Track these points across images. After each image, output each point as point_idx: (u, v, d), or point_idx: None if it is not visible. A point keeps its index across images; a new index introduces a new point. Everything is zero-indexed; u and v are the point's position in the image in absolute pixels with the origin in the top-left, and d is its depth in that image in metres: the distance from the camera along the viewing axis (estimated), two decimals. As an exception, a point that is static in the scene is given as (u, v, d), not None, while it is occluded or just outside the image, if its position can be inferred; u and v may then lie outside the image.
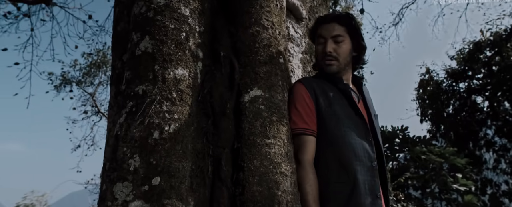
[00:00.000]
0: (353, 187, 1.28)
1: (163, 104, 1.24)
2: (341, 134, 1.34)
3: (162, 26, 1.35)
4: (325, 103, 1.38)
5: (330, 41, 1.43)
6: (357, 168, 1.31)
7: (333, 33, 1.43)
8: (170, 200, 1.13)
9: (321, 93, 1.40)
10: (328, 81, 1.46)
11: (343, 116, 1.38)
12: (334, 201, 1.28)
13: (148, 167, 1.16)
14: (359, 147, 1.34)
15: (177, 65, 1.31)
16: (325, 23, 1.46)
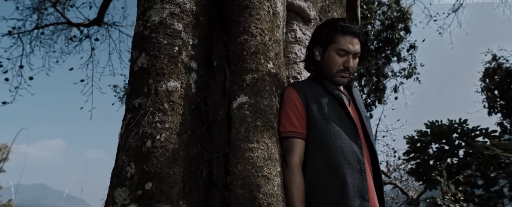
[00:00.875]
0: (343, 190, 1.27)
1: (155, 115, 1.34)
2: (331, 137, 1.34)
3: (156, 43, 1.47)
4: (316, 107, 1.39)
5: (350, 57, 1.44)
6: (346, 171, 1.30)
7: (357, 50, 1.44)
8: (161, 203, 1.23)
9: (312, 97, 1.41)
10: (320, 85, 1.47)
11: (333, 119, 1.38)
12: (323, 203, 1.28)
13: (142, 173, 1.27)
14: (348, 150, 1.33)
15: (169, 78, 1.41)
16: (351, 35, 1.44)
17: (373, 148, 1.43)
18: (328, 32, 1.46)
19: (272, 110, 1.39)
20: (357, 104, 1.50)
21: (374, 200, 1.35)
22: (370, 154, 1.42)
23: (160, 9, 1.53)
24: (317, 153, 1.34)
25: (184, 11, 1.56)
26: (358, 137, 1.38)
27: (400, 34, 7.60)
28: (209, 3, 1.70)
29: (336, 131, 1.35)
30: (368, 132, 1.45)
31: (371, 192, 1.35)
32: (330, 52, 1.45)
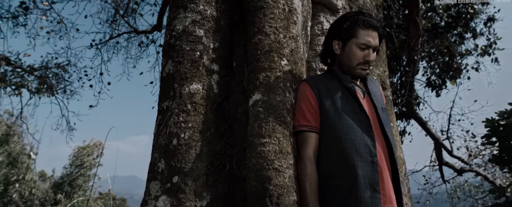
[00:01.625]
0: (354, 182, 1.29)
1: (180, 116, 1.49)
2: (343, 131, 1.36)
3: (180, 50, 1.61)
4: (329, 101, 1.41)
5: (370, 50, 1.45)
6: (358, 163, 1.31)
7: (377, 43, 1.45)
8: (185, 195, 1.37)
9: (325, 91, 1.43)
10: (336, 78, 1.48)
11: (346, 113, 1.38)
12: (336, 194, 1.31)
13: (170, 168, 1.43)
14: (360, 143, 1.34)
15: (191, 81, 1.55)
16: (372, 29, 1.44)
17: (388, 139, 1.41)
18: (349, 26, 1.45)
19: (285, 105, 1.45)
20: (372, 96, 1.48)
21: (389, 192, 1.34)
22: (387, 146, 1.40)
23: (183, 18, 1.68)
24: (330, 145, 1.36)
25: (205, 18, 1.68)
26: (370, 130, 1.37)
27: (475, 7, 6.85)
28: (231, 7, 1.80)
29: (349, 124, 1.36)
30: (383, 123, 1.42)
31: (386, 184, 1.34)
32: (350, 46, 1.45)
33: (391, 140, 1.42)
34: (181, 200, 1.37)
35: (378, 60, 2.20)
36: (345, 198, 1.29)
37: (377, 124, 1.42)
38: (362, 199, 1.27)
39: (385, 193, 1.33)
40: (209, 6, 1.71)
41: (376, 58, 1.92)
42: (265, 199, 1.26)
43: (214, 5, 1.73)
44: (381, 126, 1.42)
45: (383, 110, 1.48)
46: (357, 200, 1.27)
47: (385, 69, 2.24)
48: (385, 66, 2.25)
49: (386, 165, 1.38)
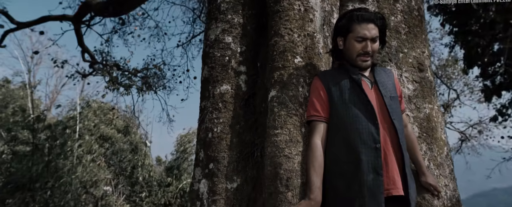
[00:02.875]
0: (357, 166, 1.41)
1: (213, 113, 1.79)
2: (349, 120, 1.48)
3: (212, 56, 1.90)
4: (338, 93, 1.54)
5: (370, 41, 1.55)
6: (362, 150, 1.42)
7: (374, 35, 1.54)
8: (218, 178, 1.68)
9: (335, 84, 1.56)
10: (345, 71, 1.59)
11: (353, 103, 1.50)
12: (342, 177, 1.45)
13: (207, 157, 1.75)
14: (365, 131, 1.44)
15: (222, 83, 1.83)
16: (365, 22, 1.55)
17: (395, 125, 1.48)
18: (345, 23, 1.57)
19: (297, 99, 1.63)
20: (380, 86, 1.55)
21: (392, 175, 1.43)
22: (396, 132, 1.48)
23: (214, 28, 1.96)
24: (338, 134, 1.51)
25: (233, 26, 1.93)
26: (375, 118, 1.46)
27: None
28: (257, 11, 2.01)
29: (355, 114, 1.48)
30: (390, 112, 1.49)
31: (390, 167, 1.43)
32: (349, 40, 1.56)
33: (397, 127, 1.49)
34: (215, 183, 1.68)
35: (414, 42, 2.17)
36: (350, 181, 1.43)
37: (385, 112, 1.50)
38: (365, 181, 1.40)
39: (389, 176, 1.43)
40: (237, 15, 1.96)
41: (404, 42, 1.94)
42: (276, 182, 1.49)
43: (241, 13, 1.96)
44: (389, 114, 1.50)
45: (392, 99, 1.54)
46: (361, 183, 1.40)
47: (424, 50, 2.19)
48: (423, 47, 2.20)
49: (393, 151, 1.47)
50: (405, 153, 1.49)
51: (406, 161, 1.48)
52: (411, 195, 1.44)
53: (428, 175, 1.70)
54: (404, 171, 1.46)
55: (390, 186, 1.42)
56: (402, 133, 1.51)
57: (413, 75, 2.09)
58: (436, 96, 2.18)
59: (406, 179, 1.45)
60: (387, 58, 2.06)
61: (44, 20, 7.16)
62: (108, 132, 14.39)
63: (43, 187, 10.82)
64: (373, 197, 1.37)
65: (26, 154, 11.47)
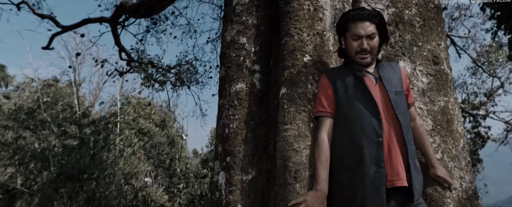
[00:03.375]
0: (360, 159, 1.48)
1: (229, 110, 1.92)
2: (353, 115, 1.55)
3: (229, 57, 2.03)
4: (343, 90, 1.60)
5: (365, 38, 1.60)
6: (365, 143, 1.49)
7: (369, 32, 1.60)
8: (234, 171, 1.81)
9: (340, 81, 1.62)
10: (350, 69, 1.65)
11: (357, 99, 1.56)
12: (347, 170, 1.53)
13: (224, 151, 1.89)
14: (368, 126, 1.50)
15: (237, 81, 1.95)
16: (360, 21, 1.60)
17: (398, 119, 1.53)
18: (342, 23, 1.64)
19: (306, 96, 1.71)
20: (384, 82, 1.60)
21: (396, 167, 1.48)
22: (400, 126, 1.53)
23: (230, 30, 2.08)
24: (343, 129, 1.58)
25: (247, 27, 2.05)
26: (378, 113, 1.52)
27: None
28: (271, 12, 2.11)
29: (358, 109, 1.55)
30: (393, 106, 1.54)
31: (393, 160, 1.48)
32: (347, 39, 1.63)
33: (401, 121, 1.54)
34: (232, 175, 1.82)
35: (430, 34, 2.17)
36: (354, 174, 1.51)
37: (390, 107, 1.56)
38: (367, 174, 1.47)
39: (393, 168, 1.49)
40: (251, 16, 2.06)
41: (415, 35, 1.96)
42: (285, 174, 1.60)
43: (254, 14, 2.07)
44: (393, 109, 1.55)
45: (397, 93, 1.59)
46: (363, 175, 1.48)
47: (439, 42, 2.18)
48: (439, 40, 2.19)
49: (397, 144, 1.52)
50: (409, 146, 1.54)
51: (410, 153, 1.53)
52: (415, 186, 1.49)
53: (437, 167, 1.73)
54: (408, 163, 1.51)
55: (394, 178, 1.48)
56: (406, 127, 1.56)
57: (427, 68, 2.10)
58: (453, 89, 2.17)
59: (409, 170, 1.50)
60: (400, 53, 2.09)
61: (84, 23, 7.63)
62: (146, 126, 15.04)
63: (90, 177, 11.56)
64: (374, 189, 1.44)
65: (74, 147, 12.29)
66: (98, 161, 12.32)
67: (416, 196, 1.49)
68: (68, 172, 11.13)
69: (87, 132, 12.90)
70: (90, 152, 12.18)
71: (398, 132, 1.54)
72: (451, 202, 1.80)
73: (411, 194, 1.49)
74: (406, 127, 1.56)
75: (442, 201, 1.79)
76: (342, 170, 1.55)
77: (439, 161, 1.91)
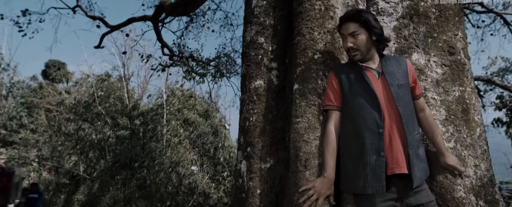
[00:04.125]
0: (363, 149, 1.61)
1: (249, 105, 2.12)
2: (356, 109, 1.67)
3: (248, 56, 2.21)
4: (347, 85, 1.73)
5: (348, 37, 1.73)
6: (367, 134, 1.61)
7: (349, 31, 1.72)
8: (254, 160, 2.01)
9: (345, 77, 1.75)
10: (354, 64, 1.77)
11: (359, 94, 1.68)
12: (351, 159, 1.66)
13: (245, 142, 2.09)
14: (369, 118, 1.62)
15: (256, 78, 2.13)
16: (343, 23, 1.75)
17: (399, 111, 1.62)
18: (338, 25, 1.79)
19: (316, 91, 1.85)
20: (386, 75, 1.69)
21: (396, 156, 1.59)
22: (402, 114, 1.63)
23: (250, 30, 2.25)
24: (347, 121, 1.71)
25: (265, 27, 2.21)
26: (378, 106, 1.63)
27: None
28: (287, 12, 2.25)
29: (361, 103, 1.67)
30: (394, 99, 1.64)
31: (394, 149, 1.59)
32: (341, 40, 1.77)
33: (401, 113, 1.63)
34: (252, 163, 2.02)
35: (446, 25, 2.19)
36: (357, 162, 1.64)
37: (391, 99, 1.66)
38: (368, 162, 1.60)
39: (393, 157, 1.60)
40: (268, 17, 2.22)
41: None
42: (297, 162, 1.77)
43: (272, 15, 2.22)
44: (394, 101, 1.65)
45: (400, 87, 1.68)
46: (365, 163, 1.61)
47: (456, 32, 2.20)
48: (456, 30, 2.20)
49: (398, 134, 1.63)
50: (408, 137, 1.63)
51: (409, 143, 1.62)
52: (414, 173, 1.59)
53: (447, 155, 1.80)
54: (408, 152, 1.61)
55: (394, 165, 1.60)
56: (407, 118, 1.65)
57: (442, 59, 2.14)
58: (470, 78, 2.19)
59: (409, 159, 1.60)
60: (414, 45, 2.15)
61: (130, 22, 8.17)
62: (191, 116, 15.71)
63: (141, 166, 12.38)
64: (374, 176, 1.57)
65: (126, 138, 13.20)
66: (147, 151, 13.11)
67: (416, 182, 1.59)
68: (122, 160, 12.01)
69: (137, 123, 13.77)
70: (140, 142, 13.00)
71: (399, 123, 1.64)
72: (461, 189, 1.87)
73: (411, 181, 1.59)
74: (407, 119, 1.65)
75: (452, 188, 1.86)
76: (346, 158, 1.69)
77: (452, 150, 1.97)
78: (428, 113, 1.86)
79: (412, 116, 1.71)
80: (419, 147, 1.68)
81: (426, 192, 1.65)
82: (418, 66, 2.10)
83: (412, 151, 1.62)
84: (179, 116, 15.38)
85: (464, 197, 1.85)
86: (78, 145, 13.05)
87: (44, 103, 22.28)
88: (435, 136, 1.83)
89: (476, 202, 1.96)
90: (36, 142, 19.43)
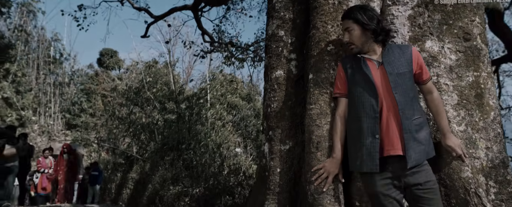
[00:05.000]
0: (361, 132, 1.77)
1: (271, 93, 2.34)
2: (357, 96, 1.82)
3: (270, 48, 2.42)
4: (351, 74, 1.88)
5: (345, 33, 1.88)
6: (364, 119, 1.77)
7: (344, 27, 1.89)
8: (274, 142, 2.25)
9: (350, 67, 1.90)
10: (357, 56, 1.91)
11: (360, 82, 1.82)
12: (352, 141, 1.82)
13: (268, 126, 2.33)
14: (367, 104, 1.77)
15: (276, 69, 2.35)
16: (342, 19, 1.92)
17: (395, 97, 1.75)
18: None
19: (328, 80, 2.03)
20: (385, 65, 1.82)
21: (392, 139, 1.73)
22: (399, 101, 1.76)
23: (271, 24, 2.46)
24: (351, 107, 1.88)
25: (284, 21, 2.40)
26: (375, 93, 1.77)
27: None
28: (305, 7, 2.41)
29: (361, 91, 1.82)
30: (392, 86, 1.77)
31: (390, 133, 1.73)
32: None
33: (398, 99, 1.76)
34: (272, 145, 2.26)
35: (462, 12, 2.24)
36: (356, 143, 1.82)
37: (389, 87, 1.79)
38: (364, 143, 1.77)
39: (389, 139, 1.75)
40: (288, 11, 2.41)
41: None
42: (310, 144, 1.98)
43: (291, 9, 2.40)
44: (388, 88, 1.78)
45: (399, 75, 1.80)
46: (361, 144, 1.79)
47: (473, 18, 2.23)
48: (473, 16, 2.24)
49: (394, 119, 1.77)
50: (404, 121, 1.76)
51: (405, 127, 1.75)
52: (410, 155, 1.73)
53: (448, 137, 1.91)
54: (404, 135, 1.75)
55: (389, 147, 1.76)
56: (404, 104, 1.76)
57: (457, 45, 2.21)
58: (487, 63, 2.23)
59: (404, 141, 1.75)
60: (428, 33, 2.23)
61: (172, 12, 8.61)
62: (233, 100, 16.18)
63: (187, 148, 13.12)
64: (369, 156, 1.75)
65: (173, 121, 13.99)
66: (193, 133, 13.79)
67: (410, 163, 1.73)
68: (169, 143, 12.81)
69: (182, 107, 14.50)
70: (186, 125, 13.71)
71: (396, 109, 1.77)
72: (468, 170, 1.98)
73: (405, 161, 1.74)
74: (404, 105, 1.77)
75: (460, 169, 1.98)
76: (350, 140, 1.88)
77: (462, 133, 2.07)
78: (435, 96, 1.95)
79: (411, 102, 1.82)
80: (418, 131, 1.80)
81: (425, 173, 1.78)
82: (431, 53, 2.19)
83: (407, 135, 1.75)
84: (222, 100, 15.91)
85: (470, 177, 1.96)
86: (131, 128, 14.08)
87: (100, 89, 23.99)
88: (439, 118, 1.92)
89: (486, 182, 2.06)
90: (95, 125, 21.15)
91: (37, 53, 21.70)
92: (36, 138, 16.46)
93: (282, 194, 2.16)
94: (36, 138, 16.57)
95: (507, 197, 2.04)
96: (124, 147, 15.70)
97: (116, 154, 15.70)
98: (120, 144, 16.21)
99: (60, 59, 23.67)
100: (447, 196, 2.00)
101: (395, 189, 1.78)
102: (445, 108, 2.10)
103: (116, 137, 15.96)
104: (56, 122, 20.69)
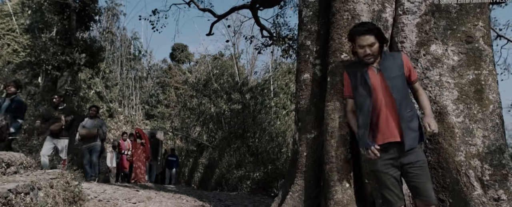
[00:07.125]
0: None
1: (299, 92, 2.89)
2: (357, 98, 2.26)
3: (299, 55, 2.97)
4: (353, 79, 2.33)
5: (367, 47, 2.22)
6: (360, 116, 2.24)
7: (369, 42, 2.21)
8: (302, 131, 2.81)
9: (353, 72, 2.35)
10: (359, 62, 2.36)
11: (360, 86, 2.28)
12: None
13: (298, 119, 2.90)
14: (365, 106, 2.21)
15: (304, 72, 2.89)
16: (362, 35, 2.21)
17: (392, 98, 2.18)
18: (350, 36, 2.28)
19: (341, 82, 2.53)
20: (383, 70, 2.24)
21: (392, 129, 2.15)
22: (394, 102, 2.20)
23: (301, 35, 2.99)
24: (355, 105, 2.36)
25: (311, 33, 2.92)
26: (371, 95, 2.19)
27: None
28: (328, 20, 2.90)
29: (360, 93, 2.27)
30: (390, 87, 2.20)
31: (390, 125, 2.16)
32: (355, 47, 2.31)
33: (395, 97, 2.19)
34: (301, 134, 2.83)
35: (465, 17, 2.55)
36: (357, 133, 2.31)
37: (387, 88, 2.23)
38: (359, 134, 2.25)
39: (389, 130, 2.19)
40: (313, 24, 2.92)
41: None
42: (326, 133, 2.52)
43: (316, 23, 2.92)
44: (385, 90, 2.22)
45: (394, 78, 2.22)
46: (357, 135, 2.27)
47: (476, 23, 2.53)
48: (476, 20, 2.53)
49: (393, 113, 2.21)
50: (401, 115, 2.19)
51: (402, 118, 2.17)
52: (406, 141, 2.16)
53: (427, 115, 2.23)
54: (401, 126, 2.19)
55: (388, 135, 2.21)
56: (400, 101, 2.18)
57: (459, 48, 2.54)
58: (489, 62, 2.53)
59: (402, 131, 2.18)
60: (433, 37, 2.59)
61: (232, 11, 9.40)
62: (296, 89, 16.60)
63: (252, 136, 13.99)
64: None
65: (239, 111, 14.97)
66: (258, 122, 14.61)
67: (407, 147, 2.16)
68: (235, 131, 13.80)
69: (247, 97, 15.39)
70: (251, 114, 14.57)
71: (394, 105, 2.21)
72: (462, 154, 2.36)
73: (403, 146, 2.18)
74: (400, 101, 2.20)
75: (454, 153, 2.37)
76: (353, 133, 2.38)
77: (460, 123, 2.44)
78: (421, 92, 2.32)
79: (405, 99, 2.23)
80: (411, 121, 2.21)
81: (416, 154, 2.20)
82: (435, 56, 2.55)
83: (404, 125, 2.19)
84: (286, 89, 16.47)
85: (463, 161, 2.34)
86: (200, 118, 15.41)
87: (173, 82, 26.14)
88: (423, 106, 2.28)
89: (481, 165, 2.41)
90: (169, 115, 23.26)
91: (121, 51, 24.39)
92: (122, 127, 18.75)
93: (308, 172, 2.74)
94: (122, 127, 18.87)
95: (501, 178, 2.37)
96: (195, 135, 17.18)
97: (189, 142, 17.24)
98: (191, 132, 17.73)
99: (139, 56, 26.24)
100: (443, 176, 2.41)
101: (393, 168, 2.25)
102: (446, 102, 2.48)
103: (188, 126, 17.50)
104: (137, 113, 23.17)
